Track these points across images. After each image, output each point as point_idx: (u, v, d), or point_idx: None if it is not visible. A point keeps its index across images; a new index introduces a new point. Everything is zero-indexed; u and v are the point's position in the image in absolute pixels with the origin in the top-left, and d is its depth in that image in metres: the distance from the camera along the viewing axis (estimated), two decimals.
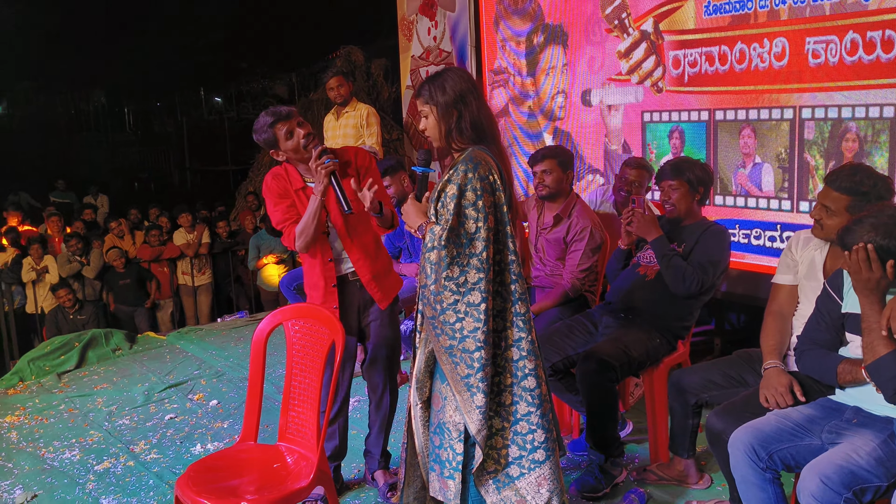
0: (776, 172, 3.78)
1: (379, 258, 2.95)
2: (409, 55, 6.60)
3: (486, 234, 2.14)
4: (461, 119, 2.22)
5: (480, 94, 2.27)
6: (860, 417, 2.24)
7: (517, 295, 2.21)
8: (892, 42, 3.23)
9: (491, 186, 2.17)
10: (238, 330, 5.76)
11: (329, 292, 2.88)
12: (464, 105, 2.22)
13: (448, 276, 2.13)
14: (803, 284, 2.62)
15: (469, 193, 2.14)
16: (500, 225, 2.19)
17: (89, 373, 4.94)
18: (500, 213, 2.19)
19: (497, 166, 2.22)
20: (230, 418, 3.99)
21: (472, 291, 2.13)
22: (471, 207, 2.14)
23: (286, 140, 2.76)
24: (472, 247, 2.14)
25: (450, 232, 2.12)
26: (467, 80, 2.25)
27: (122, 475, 3.40)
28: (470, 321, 2.13)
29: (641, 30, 4.37)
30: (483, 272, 2.13)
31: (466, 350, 2.14)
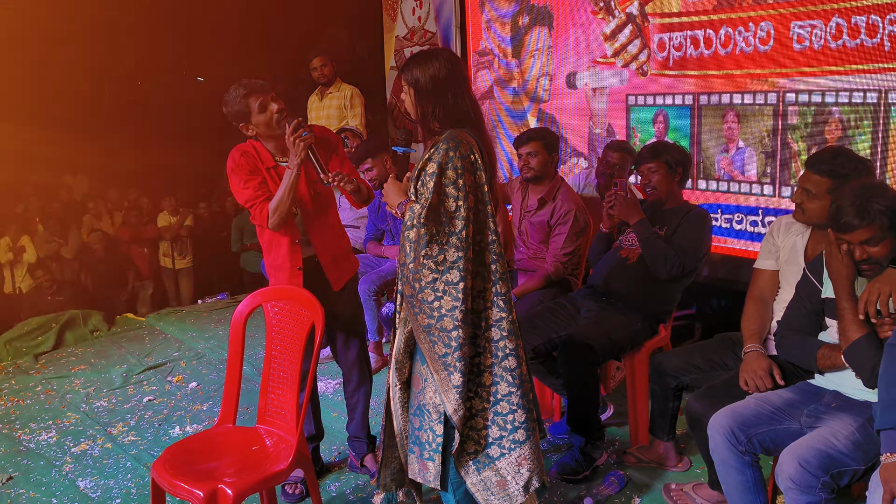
0: (759, 157, 3.78)
1: (341, 240, 2.94)
2: (393, 35, 6.53)
3: (465, 212, 2.12)
4: (436, 108, 2.20)
5: (463, 81, 2.24)
6: (839, 402, 2.25)
7: (497, 275, 2.19)
8: (876, 27, 3.22)
9: (472, 165, 2.15)
10: (219, 311, 5.72)
11: (294, 275, 2.82)
12: (440, 95, 2.19)
13: (427, 255, 2.12)
14: (784, 269, 2.63)
15: (450, 172, 2.12)
16: (481, 205, 2.17)
17: (67, 354, 4.89)
18: (480, 193, 2.17)
19: (479, 147, 2.20)
20: (209, 400, 3.96)
21: (451, 270, 2.12)
22: (451, 186, 2.12)
23: (259, 113, 2.69)
24: (451, 225, 2.12)
25: (429, 210, 2.10)
26: (450, 67, 2.20)
27: (100, 457, 3.37)
28: (448, 300, 2.12)
29: (627, 12, 4.34)
30: (462, 251, 2.11)
31: (444, 329, 2.12)
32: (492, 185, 2.24)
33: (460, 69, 2.24)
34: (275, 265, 2.87)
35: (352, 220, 4.63)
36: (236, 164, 2.76)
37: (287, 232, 2.79)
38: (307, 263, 2.85)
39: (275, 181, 2.75)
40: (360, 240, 4.62)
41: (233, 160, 2.77)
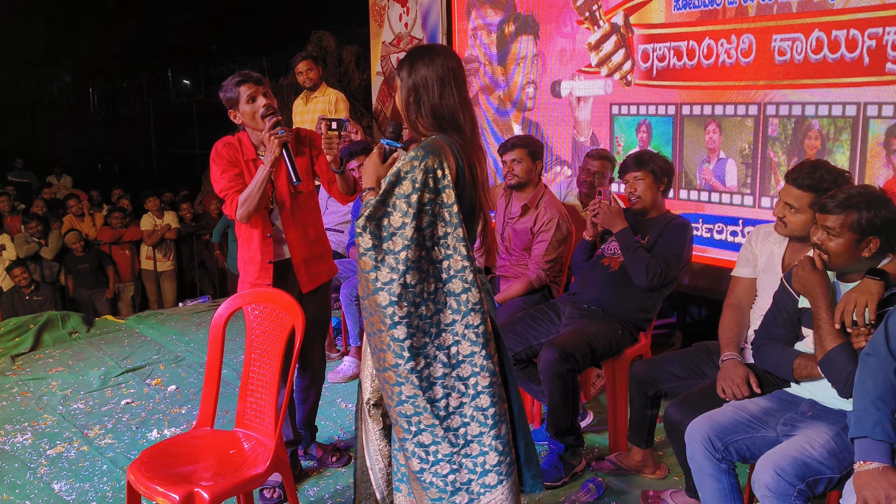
0: (740, 168, 3.82)
1: (317, 244, 2.94)
2: (379, 41, 6.54)
3: (411, 232, 1.93)
4: (420, 103, 2.06)
5: (456, 81, 2.06)
6: (815, 410, 2.27)
7: (469, 305, 1.99)
8: (856, 42, 3.27)
9: (434, 182, 1.96)
10: (199, 315, 5.68)
11: (264, 268, 2.85)
12: (426, 89, 2.04)
13: (363, 269, 1.97)
14: (762, 278, 2.66)
15: (406, 183, 1.95)
16: (446, 226, 1.98)
17: (44, 356, 4.83)
18: (446, 213, 1.97)
19: (458, 160, 2.03)
20: (188, 404, 3.93)
21: (380, 292, 1.94)
22: (402, 199, 1.95)
23: (246, 103, 2.74)
24: (391, 242, 1.95)
25: (367, 219, 1.95)
26: (444, 63, 2.05)
27: (76, 460, 3.33)
28: (376, 320, 1.97)
29: (612, 22, 4.37)
30: (397, 273, 1.93)
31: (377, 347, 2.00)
32: (474, 202, 2.09)
33: (459, 70, 2.09)
34: (246, 258, 2.90)
35: (335, 224, 4.63)
36: (217, 154, 2.82)
37: (258, 225, 2.82)
38: (281, 262, 2.87)
39: (252, 174, 2.79)
40: (342, 244, 4.62)
41: (215, 150, 2.83)
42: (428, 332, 1.99)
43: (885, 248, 2.17)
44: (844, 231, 2.15)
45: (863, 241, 2.15)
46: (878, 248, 2.15)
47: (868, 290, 2.09)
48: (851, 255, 2.17)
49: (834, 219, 2.16)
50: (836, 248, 2.17)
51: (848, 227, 2.15)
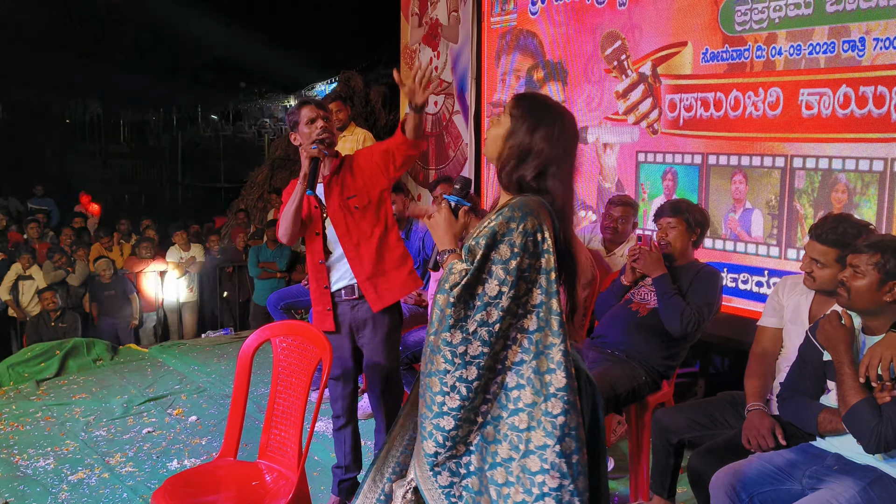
0: (766, 219, 3.83)
1: (383, 260, 2.84)
2: None
3: (507, 303, 1.75)
4: (521, 168, 1.85)
5: (568, 162, 1.88)
6: (841, 464, 2.25)
7: (552, 390, 1.76)
8: (883, 98, 3.30)
9: (535, 246, 1.77)
10: (222, 346, 5.72)
11: (322, 294, 2.87)
12: (535, 159, 1.84)
13: (447, 341, 1.76)
14: (788, 328, 2.65)
15: (504, 247, 1.76)
16: (540, 293, 1.78)
17: (69, 382, 4.89)
18: (541, 280, 1.78)
19: (554, 223, 1.83)
20: (209, 435, 3.95)
21: (469, 366, 1.75)
22: (500, 265, 1.76)
23: (305, 125, 2.78)
24: (485, 313, 1.75)
25: (465, 288, 1.75)
26: (566, 143, 1.86)
27: (96, 487, 3.35)
28: (455, 398, 1.76)
29: (640, 72, 4.45)
30: (489, 346, 1.75)
31: (440, 427, 1.77)
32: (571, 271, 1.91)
33: (577, 149, 1.91)
34: (311, 285, 2.93)
35: None
36: (284, 193, 2.90)
37: (311, 250, 2.87)
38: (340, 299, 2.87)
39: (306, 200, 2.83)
40: None
41: (286, 190, 2.90)
42: (504, 406, 1.79)
43: None
44: (870, 270, 2.17)
45: (886, 283, 2.16)
46: None
47: (892, 345, 2.09)
48: (873, 297, 2.18)
49: (861, 258, 2.19)
50: (860, 287, 2.19)
51: (874, 266, 2.16)
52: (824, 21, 3.50)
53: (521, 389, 1.78)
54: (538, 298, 1.78)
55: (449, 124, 6.20)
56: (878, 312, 2.20)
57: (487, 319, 1.75)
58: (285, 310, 4.61)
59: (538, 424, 1.76)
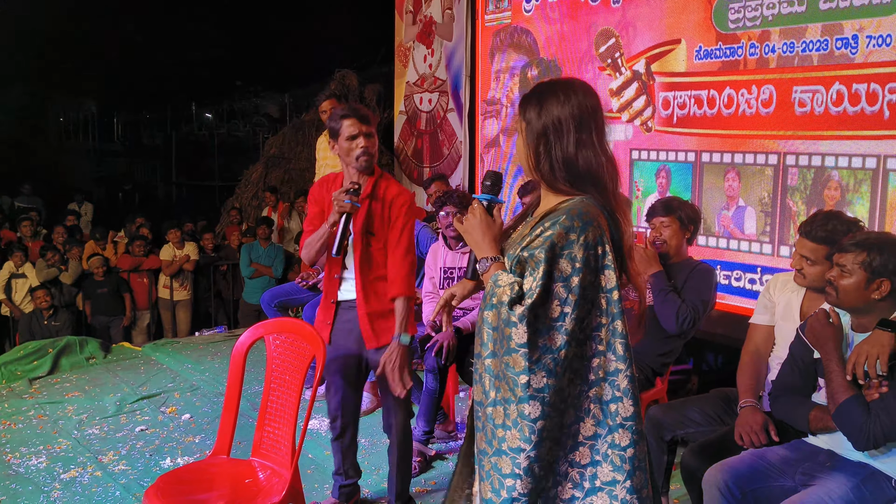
0: (759, 216, 3.84)
1: (385, 297, 2.73)
2: (403, 81, 6.66)
3: (571, 325, 1.56)
4: (551, 152, 1.65)
5: (597, 125, 1.67)
6: (833, 461, 2.25)
7: (619, 420, 1.60)
8: (876, 95, 3.31)
9: (596, 261, 1.59)
10: (215, 344, 5.71)
11: (327, 307, 2.81)
12: (558, 134, 1.64)
13: (508, 365, 1.56)
14: (779, 326, 2.66)
15: (564, 263, 1.57)
16: (599, 315, 1.61)
17: (61, 380, 4.87)
18: (601, 300, 1.60)
19: (612, 231, 1.65)
20: (202, 433, 3.94)
21: (532, 400, 1.54)
22: (561, 283, 1.56)
23: (346, 139, 2.65)
24: (548, 338, 1.56)
25: (532, 310, 1.54)
26: (583, 102, 1.65)
27: (89, 485, 3.34)
28: (515, 435, 1.56)
29: (633, 70, 4.45)
30: (555, 377, 1.55)
31: (497, 469, 1.58)
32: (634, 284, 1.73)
33: (591, 105, 1.67)
34: (323, 296, 2.86)
35: None
36: (310, 193, 2.85)
37: (329, 266, 2.80)
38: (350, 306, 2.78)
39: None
40: None
41: (311, 190, 2.86)
42: (563, 444, 1.61)
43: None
44: (857, 269, 2.17)
45: (874, 281, 2.16)
46: (890, 293, 2.16)
47: (880, 342, 2.10)
48: (861, 295, 2.18)
49: (848, 256, 2.19)
50: (847, 286, 2.19)
51: (860, 265, 2.17)
52: (817, 18, 3.51)
53: (579, 423, 1.60)
54: (597, 320, 1.60)
55: (443, 122, 6.20)
56: (867, 310, 2.21)
57: (551, 345, 1.55)
58: (280, 308, 4.61)
59: (604, 459, 1.60)
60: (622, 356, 1.61)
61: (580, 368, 1.60)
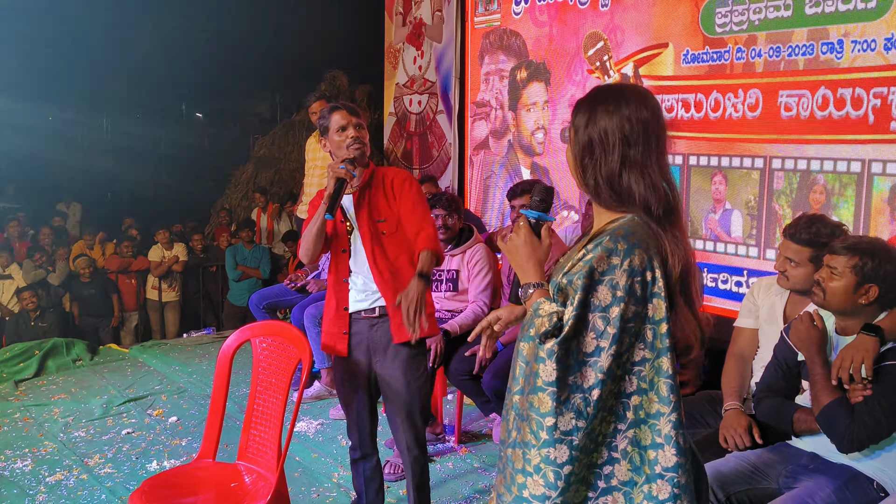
0: (745, 219, 3.86)
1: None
2: (393, 82, 6.66)
3: (607, 362, 1.40)
4: (596, 165, 1.50)
5: (646, 140, 1.49)
6: (816, 464, 2.27)
7: (658, 469, 1.45)
8: (861, 100, 3.34)
9: (643, 289, 1.43)
10: (203, 346, 5.69)
11: (339, 315, 2.63)
12: (604, 148, 1.49)
13: (534, 405, 1.42)
14: (764, 329, 2.68)
15: (603, 290, 1.41)
16: (643, 349, 1.44)
17: (47, 382, 4.84)
18: (646, 332, 1.44)
19: (663, 254, 1.47)
20: (189, 436, 3.93)
21: (560, 444, 1.40)
22: (598, 314, 1.41)
23: (335, 132, 2.59)
24: (580, 375, 1.41)
25: (563, 344, 1.40)
26: (634, 114, 1.48)
27: (74, 488, 3.33)
28: (538, 482, 1.42)
29: (622, 73, 4.46)
30: (585, 419, 1.40)
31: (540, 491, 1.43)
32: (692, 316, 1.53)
33: (655, 125, 1.51)
34: (326, 304, 2.72)
35: None
36: (311, 204, 2.69)
37: (335, 269, 2.66)
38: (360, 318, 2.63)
39: None
40: None
41: (312, 201, 2.70)
42: (593, 486, 1.46)
43: (883, 301, 2.19)
44: (847, 272, 2.19)
45: (862, 286, 2.18)
46: (876, 298, 2.18)
47: (864, 346, 2.11)
48: (848, 298, 2.20)
49: (839, 259, 2.20)
50: (836, 289, 2.21)
51: (851, 269, 2.18)
52: (803, 23, 3.54)
53: (614, 464, 1.45)
54: (640, 355, 1.44)
55: (433, 124, 6.21)
56: (852, 314, 2.22)
57: (582, 383, 1.40)
58: (268, 309, 4.60)
59: None
60: (666, 398, 1.44)
61: (615, 406, 1.44)
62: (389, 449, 3.55)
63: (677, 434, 1.45)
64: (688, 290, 1.52)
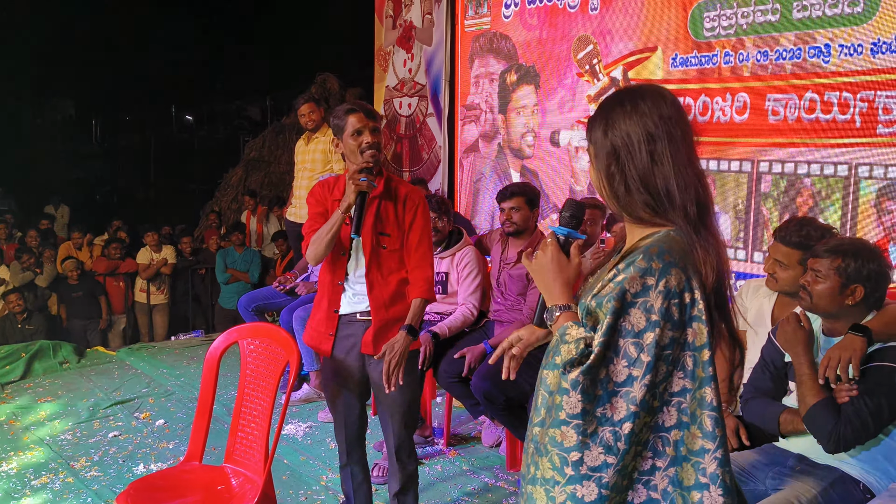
0: (733, 222, 3.88)
1: (393, 307, 2.57)
2: (383, 85, 6.66)
3: (640, 393, 1.28)
4: (624, 169, 1.38)
5: (669, 135, 1.38)
6: (803, 465, 2.28)
7: None
8: (848, 104, 3.36)
9: (681, 313, 1.30)
10: (192, 349, 5.66)
11: (329, 318, 2.59)
12: (630, 151, 1.37)
13: (555, 440, 1.31)
14: (751, 331, 2.69)
15: (636, 314, 1.29)
16: (683, 377, 1.32)
17: (34, 384, 4.81)
18: (686, 360, 1.32)
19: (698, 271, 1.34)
20: (176, 439, 3.90)
21: (588, 481, 1.29)
22: (630, 339, 1.29)
23: (351, 135, 2.51)
24: (609, 407, 1.29)
25: (587, 372, 1.29)
26: (654, 110, 1.38)
27: (60, 491, 3.30)
28: None
29: (611, 76, 4.48)
30: (615, 455, 1.28)
31: None
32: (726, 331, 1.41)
33: (679, 120, 1.40)
34: (316, 304, 2.68)
35: None
36: (311, 193, 2.66)
37: (330, 271, 2.61)
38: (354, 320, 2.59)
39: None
40: None
41: (311, 190, 2.68)
42: None
43: (870, 302, 2.21)
44: (831, 275, 2.20)
45: (848, 287, 2.19)
46: (862, 298, 2.19)
47: (851, 346, 2.12)
48: (835, 300, 2.21)
49: (823, 262, 2.21)
50: (821, 291, 2.22)
51: (835, 271, 2.19)
52: (790, 27, 3.56)
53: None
54: (679, 384, 1.31)
55: (423, 126, 6.20)
56: (840, 316, 2.23)
57: (612, 416, 1.28)
58: (257, 312, 4.58)
59: None
60: (710, 433, 1.30)
61: (653, 441, 1.32)
62: (378, 452, 3.54)
63: (724, 472, 1.31)
64: (723, 302, 1.38)
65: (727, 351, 1.45)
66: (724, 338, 1.41)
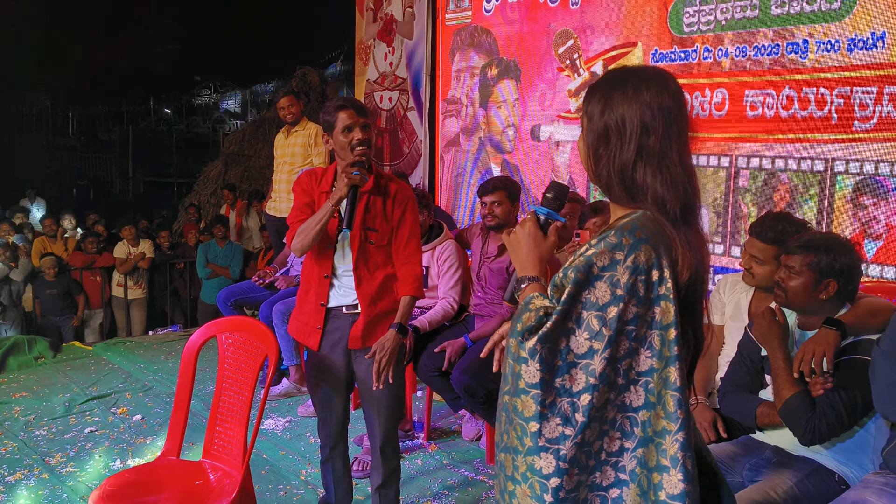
0: (711, 217, 3.91)
1: (380, 301, 2.57)
2: (364, 79, 6.63)
3: (600, 366, 1.27)
4: (610, 155, 1.37)
5: (667, 129, 1.35)
6: (779, 457, 2.30)
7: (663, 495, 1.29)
8: (825, 100, 3.39)
9: (647, 290, 1.29)
10: (170, 344, 5.61)
11: (317, 311, 2.57)
12: (620, 136, 1.36)
13: (516, 409, 1.31)
14: (729, 326, 2.71)
15: (601, 287, 1.28)
16: (650, 357, 1.30)
17: (8, 380, 4.73)
18: (653, 339, 1.29)
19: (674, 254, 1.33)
20: (154, 434, 3.87)
21: (545, 452, 1.28)
22: (593, 312, 1.28)
23: (341, 132, 2.49)
24: (568, 378, 1.28)
25: (542, 340, 1.28)
26: (652, 99, 1.35)
27: (35, 488, 3.26)
28: (525, 492, 1.31)
29: (592, 71, 4.49)
30: (572, 427, 1.28)
31: None
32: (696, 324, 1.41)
33: (678, 112, 1.38)
34: (301, 298, 2.65)
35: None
36: (297, 183, 2.63)
37: (316, 263, 2.58)
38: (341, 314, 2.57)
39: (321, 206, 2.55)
40: None
41: (297, 180, 2.64)
42: None
43: (843, 295, 2.23)
44: (804, 270, 2.22)
45: (821, 282, 2.21)
46: (836, 292, 2.21)
47: (825, 340, 2.15)
48: (809, 296, 2.23)
49: (795, 258, 2.24)
50: (795, 287, 2.24)
51: (808, 267, 2.21)
52: (769, 23, 3.59)
53: (622, 487, 1.30)
54: (646, 364, 1.29)
55: (403, 120, 6.19)
56: (815, 310, 2.26)
57: (570, 387, 1.27)
58: (235, 306, 4.55)
59: None
60: (673, 414, 1.28)
61: (619, 420, 1.30)
62: (358, 446, 3.53)
63: (685, 457, 1.28)
64: (695, 300, 1.38)
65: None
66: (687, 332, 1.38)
